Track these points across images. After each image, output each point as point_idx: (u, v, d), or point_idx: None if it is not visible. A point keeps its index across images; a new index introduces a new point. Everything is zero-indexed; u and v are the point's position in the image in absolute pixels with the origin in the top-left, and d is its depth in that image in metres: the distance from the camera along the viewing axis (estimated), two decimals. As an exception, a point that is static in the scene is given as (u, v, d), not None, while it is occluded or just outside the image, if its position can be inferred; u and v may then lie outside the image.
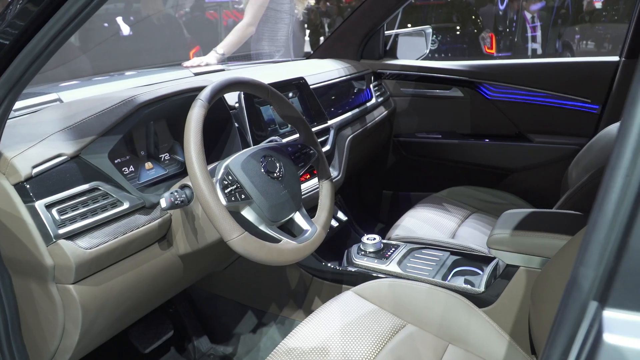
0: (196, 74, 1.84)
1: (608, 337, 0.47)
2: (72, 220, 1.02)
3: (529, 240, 1.38)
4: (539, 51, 7.48)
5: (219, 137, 1.47)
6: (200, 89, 1.32)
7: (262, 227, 1.14)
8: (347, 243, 1.96)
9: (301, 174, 1.32)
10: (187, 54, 4.62)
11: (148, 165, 1.32)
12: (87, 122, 1.13)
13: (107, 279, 1.11)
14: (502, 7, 8.07)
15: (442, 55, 7.56)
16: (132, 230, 1.11)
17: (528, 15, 7.40)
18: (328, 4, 9.39)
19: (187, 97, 1.31)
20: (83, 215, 1.03)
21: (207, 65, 2.16)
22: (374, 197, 2.75)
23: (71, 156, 1.06)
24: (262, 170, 1.18)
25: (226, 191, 1.08)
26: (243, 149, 1.40)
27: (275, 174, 1.20)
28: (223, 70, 1.99)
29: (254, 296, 1.87)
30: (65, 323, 1.09)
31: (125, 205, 1.10)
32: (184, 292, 1.88)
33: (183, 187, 1.17)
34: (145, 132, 1.33)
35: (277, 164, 1.22)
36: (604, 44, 7.98)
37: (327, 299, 1.38)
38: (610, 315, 0.48)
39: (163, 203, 1.09)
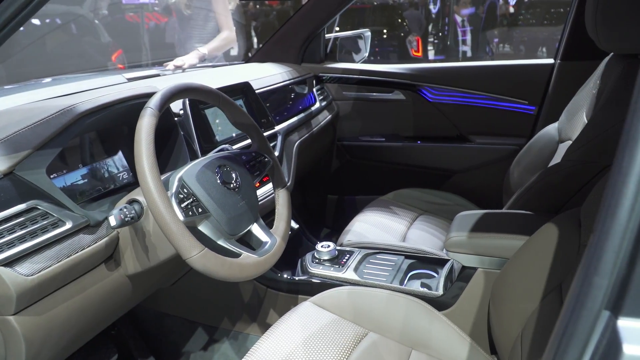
0: (129, 80, 1.73)
1: (628, 349, 0.46)
2: (10, 244, 0.92)
3: (486, 242, 1.40)
4: (469, 54, 7.77)
5: (164, 146, 1.38)
6: (145, 95, 1.24)
7: (221, 242, 1.08)
8: (300, 251, 1.92)
9: (256, 182, 1.27)
10: (110, 59, 4.41)
11: None
12: (21, 134, 1.02)
13: (51, 306, 1.01)
14: (434, 11, 8.31)
15: (371, 57, 7.69)
16: (77, 252, 1.02)
17: (458, 19, 7.66)
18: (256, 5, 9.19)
19: (130, 105, 1.22)
20: (21, 239, 0.94)
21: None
22: (319, 202, 2.72)
23: (4, 173, 0.96)
24: (218, 181, 1.12)
25: (182, 205, 1.02)
26: (191, 158, 1.32)
27: (232, 185, 1.14)
28: (158, 75, 1.89)
29: (204, 312, 1.78)
30: (7, 358, 0.98)
31: (68, 225, 1.01)
32: (128, 312, 1.77)
33: (131, 202, 1.09)
34: (80, 144, 1.23)
35: (233, 174, 1.16)
36: (520, 46, 8.42)
37: (283, 311, 1.34)
38: (626, 324, 0.47)
39: (112, 221, 1.01)
